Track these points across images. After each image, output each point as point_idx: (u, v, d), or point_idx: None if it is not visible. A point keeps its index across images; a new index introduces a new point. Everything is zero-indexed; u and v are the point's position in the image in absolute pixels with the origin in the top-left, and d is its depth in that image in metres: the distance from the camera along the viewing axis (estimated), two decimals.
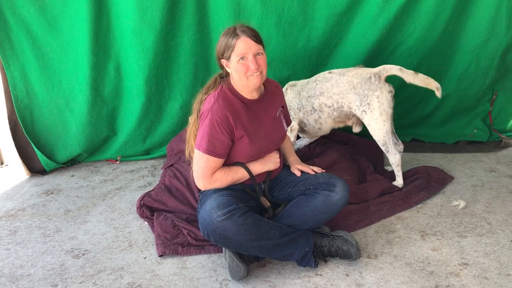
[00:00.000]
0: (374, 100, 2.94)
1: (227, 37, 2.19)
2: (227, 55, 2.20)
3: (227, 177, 2.28)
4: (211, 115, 2.19)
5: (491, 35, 3.64)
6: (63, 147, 3.72)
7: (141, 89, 3.63)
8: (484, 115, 3.92)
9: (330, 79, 3.10)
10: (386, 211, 2.80)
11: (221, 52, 2.22)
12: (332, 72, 3.13)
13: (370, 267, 2.31)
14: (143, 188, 3.30)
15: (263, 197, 2.38)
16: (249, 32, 2.18)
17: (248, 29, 2.20)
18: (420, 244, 2.49)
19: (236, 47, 2.16)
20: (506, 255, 2.36)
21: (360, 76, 3.00)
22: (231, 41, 2.17)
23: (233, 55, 2.18)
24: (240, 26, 2.19)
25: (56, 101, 3.63)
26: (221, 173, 2.27)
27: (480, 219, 2.71)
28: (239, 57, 2.16)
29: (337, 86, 3.06)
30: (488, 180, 3.19)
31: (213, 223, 2.11)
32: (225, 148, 2.24)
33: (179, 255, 2.46)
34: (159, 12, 3.38)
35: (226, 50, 2.19)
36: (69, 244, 2.62)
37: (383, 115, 2.96)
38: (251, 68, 2.17)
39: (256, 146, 2.29)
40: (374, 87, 2.95)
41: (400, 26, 3.57)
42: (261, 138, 2.31)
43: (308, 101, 3.18)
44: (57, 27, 3.44)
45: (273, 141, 2.39)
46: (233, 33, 2.17)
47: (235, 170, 2.31)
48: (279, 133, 2.42)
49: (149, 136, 3.83)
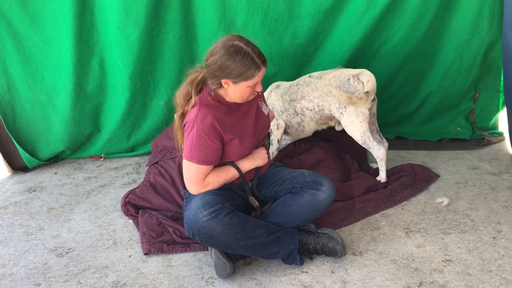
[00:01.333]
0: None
1: (244, 64, 2.04)
2: (236, 80, 2.09)
3: (219, 179, 2.25)
4: (197, 126, 2.13)
5: (474, 34, 3.67)
6: (46, 144, 3.67)
7: (125, 86, 3.60)
8: (467, 113, 3.96)
9: (309, 83, 3.10)
10: (371, 208, 2.82)
11: (231, 75, 2.07)
12: (312, 75, 3.14)
13: (355, 264, 2.33)
14: (127, 185, 3.27)
15: (251, 196, 2.37)
16: (265, 59, 2.11)
17: (263, 55, 2.11)
18: (404, 241, 2.51)
19: (254, 78, 2.09)
20: (488, 251, 2.40)
21: (338, 78, 3.00)
22: (252, 72, 2.06)
23: (245, 83, 2.10)
24: (257, 53, 2.07)
25: (38, 97, 3.58)
26: (213, 175, 2.24)
27: (463, 216, 2.74)
28: (251, 86, 2.12)
29: (316, 90, 3.07)
30: (471, 178, 3.23)
31: (198, 223, 2.10)
32: (218, 153, 2.22)
33: (165, 253, 2.45)
34: (143, 7, 3.34)
35: (239, 77, 2.07)
36: (53, 242, 2.59)
37: (359, 117, 2.96)
38: (258, 91, 2.20)
39: (245, 145, 2.29)
40: (352, 89, 2.96)
41: (385, 25, 3.57)
42: (250, 136, 2.31)
43: (290, 104, 3.19)
44: (39, 22, 3.39)
45: (261, 133, 2.39)
46: (253, 63, 2.05)
47: (226, 170, 2.28)
48: (263, 122, 2.41)
49: (133, 133, 3.79)
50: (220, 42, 2.09)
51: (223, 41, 2.09)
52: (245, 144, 2.28)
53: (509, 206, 2.83)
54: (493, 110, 3.97)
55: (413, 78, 3.83)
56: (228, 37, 2.11)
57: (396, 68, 3.74)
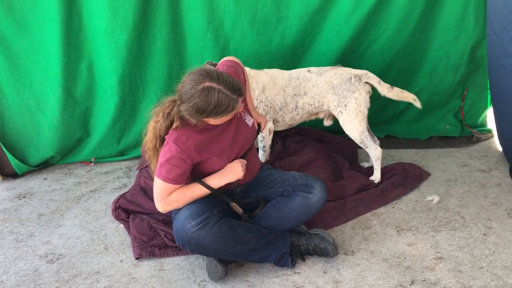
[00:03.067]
0: (352, 102, 2.97)
1: (220, 103, 1.94)
2: (217, 117, 2.00)
3: (184, 197, 2.15)
4: (170, 145, 2.08)
5: (460, 32, 3.71)
6: (35, 150, 3.64)
7: (114, 89, 3.58)
8: (456, 111, 3.99)
9: (310, 79, 3.08)
10: (362, 207, 2.82)
11: (212, 115, 1.98)
12: (311, 71, 3.11)
13: (347, 263, 2.34)
14: (118, 189, 3.25)
15: (233, 203, 2.30)
16: (240, 89, 2.00)
17: (236, 85, 1.99)
18: (396, 239, 2.52)
19: (235, 110, 2.01)
20: (479, 248, 2.42)
21: (340, 76, 3.01)
22: (230, 108, 1.98)
23: (227, 117, 2.04)
24: (231, 87, 1.95)
25: (27, 102, 3.54)
26: (177, 193, 2.14)
27: (453, 213, 2.76)
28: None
29: (316, 86, 3.06)
30: (461, 175, 3.25)
31: (187, 234, 2.08)
32: (184, 175, 2.13)
33: (156, 257, 2.44)
34: (131, 11, 3.33)
35: (220, 114, 1.99)
36: (43, 249, 2.57)
37: (359, 116, 2.98)
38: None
39: (224, 160, 2.22)
40: (353, 89, 2.97)
41: (373, 24, 3.59)
42: (229, 150, 2.22)
43: (293, 99, 3.12)
44: (26, 27, 3.36)
45: (244, 145, 2.30)
46: (229, 99, 1.95)
47: (192, 188, 2.18)
48: (246, 133, 2.30)
49: (123, 136, 3.77)
50: (189, 85, 1.96)
51: (192, 83, 1.96)
52: (224, 159, 2.21)
53: (498, 202, 2.86)
54: (482, 107, 4.01)
55: (402, 76, 3.85)
56: (196, 75, 1.97)
57: (385, 67, 3.76)
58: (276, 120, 3.23)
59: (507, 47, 2.86)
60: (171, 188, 2.14)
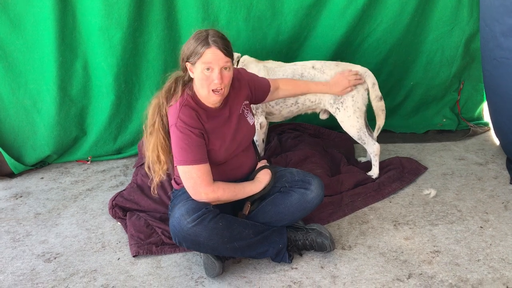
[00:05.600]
0: (349, 99, 2.95)
1: (197, 42, 2.08)
2: (193, 60, 2.10)
3: (229, 186, 2.20)
4: (181, 126, 2.11)
5: (455, 25, 3.71)
6: (31, 149, 3.62)
7: (110, 87, 3.56)
8: (452, 104, 4.00)
9: (314, 76, 3.02)
10: (359, 202, 2.82)
11: (187, 55, 2.12)
12: (315, 67, 3.03)
13: (344, 258, 2.34)
14: (115, 188, 3.25)
15: (248, 202, 2.33)
16: (220, 43, 2.07)
17: (221, 39, 2.09)
18: (393, 233, 2.53)
19: (203, 56, 2.06)
20: (476, 241, 2.42)
21: None
22: (199, 48, 2.07)
23: (199, 62, 2.08)
24: (213, 34, 2.08)
25: (22, 102, 3.53)
26: (224, 183, 2.20)
27: (450, 207, 2.76)
28: (205, 67, 2.08)
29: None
30: (458, 168, 3.25)
31: (184, 230, 2.07)
32: (205, 149, 2.17)
33: (153, 255, 2.44)
34: (126, 8, 3.32)
35: (193, 56, 2.09)
36: (40, 248, 2.57)
37: (356, 113, 2.97)
38: (214, 82, 2.09)
39: (223, 150, 2.24)
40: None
41: (368, 18, 3.60)
42: (228, 142, 2.26)
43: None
44: (20, 26, 3.34)
45: (240, 142, 2.33)
46: (204, 40, 2.06)
47: (242, 184, 2.27)
48: (244, 132, 2.34)
49: (120, 134, 3.76)
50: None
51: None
52: (223, 149, 2.24)
53: (495, 195, 2.86)
54: (478, 100, 4.02)
55: (397, 70, 3.86)
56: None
57: (380, 61, 3.77)
58: (272, 113, 3.20)
59: (499, 40, 2.86)
60: (207, 168, 2.14)
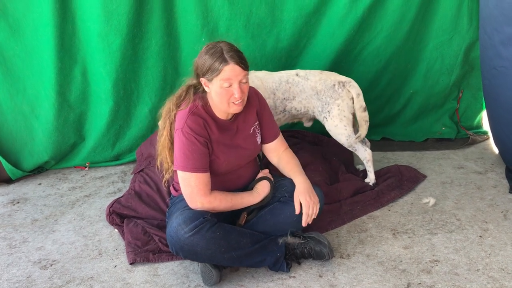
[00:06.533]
0: (335, 108, 2.96)
1: (212, 58, 2.05)
2: (209, 77, 2.08)
3: (226, 196, 2.20)
4: (186, 132, 2.11)
5: (454, 33, 3.72)
6: (29, 155, 3.60)
7: (108, 94, 3.55)
8: (451, 113, 3.99)
9: (298, 83, 3.05)
10: (358, 210, 2.81)
11: (203, 71, 2.09)
12: (299, 74, 3.07)
13: (343, 267, 2.32)
14: (113, 194, 3.23)
15: (245, 212, 2.31)
16: (237, 57, 2.06)
17: (237, 53, 2.07)
18: (392, 242, 2.51)
19: (222, 73, 2.04)
20: (475, 250, 2.40)
21: (324, 82, 2.99)
22: (217, 65, 2.03)
23: (217, 79, 2.06)
24: (228, 49, 2.06)
25: (21, 107, 3.51)
26: (220, 192, 2.20)
27: (449, 215, 2.75)
28: (225, 83, 2.06)
29: (304, 91, 3.04)
30: (457, 177, 3.24)
31: (181, 240, 2.05)
32: (208, 159, 2.17)
33: (151, 262, 2.41)
34: (125, 15, 3.31)
35: (210, 73, 2.06)
36: (37, 254, 2.54)
37: (343, 121, 2.98)
38: (235, 96, 2.09)
39: (225, 164, 2.24)
40: (336, 95, 2.96)
41: (368, 26, 3.60)
42: (232, 157, 2.26)
43: (282, 103, 3.09)
44: (19, 32, 3.33)
45: (244, 159, 2.33)
46: (221, 56, 2.03)
47: (240, 195, 2.25)
48: (250, 150, 2.35)
49: (118, 141, 3.74)
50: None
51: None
52: (225, 162, 2.24)
53: (494, 204, 2.85)
54: (477, 109, 4.02)
55: (397, 78, 3.86)
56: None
57: (380, 69, 3.77)
58: None
59: (498, 49, 2.86)
60: (205, 178, 2.14)
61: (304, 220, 2.25)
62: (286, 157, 2.47)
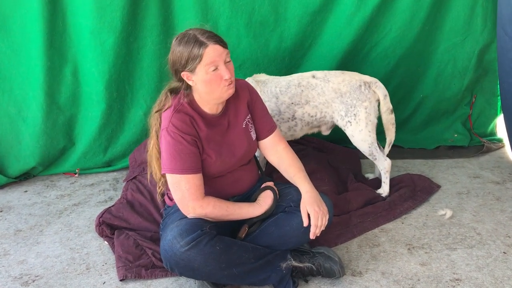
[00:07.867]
0: (362, 111, 2.76)
1: (188, 46, 1.93)
2: (191, 67, 1.95)
3: (221, 203, 2.03)
4: (172, 131, 1.98)
5: (468, 35, 3.59)
6: (15, 160, 3.45)
7: (101, 95, 3.40)
8: (464, 119, 3.84)
9: (315, 86, 2.83)
10: (369, 223, 2.62)
11: (182, 64, 1.96)
12: (316, 76, 2.86)
13: (355, 286, 2.13)
14: (103, 203, 3.05)
15: (246, 225, 2.13)
16: (214, 37, 1.95)
17: (211, 33, 1.96)
18: (407, 258, 2.31)
19: (205, 57, 1.91)
20: (500, 268, 2.21)
21: (349, 83, 2.79)
22: (196, 51, 1.91)
23: (201, 66, 1.93)
24: (201, 32, 1.95)
25: (6, 109, 3.37)
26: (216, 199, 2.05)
27: (468, 229, 2.56)
28: (210, 67, 1.93)
29: (323, 94, 2.82)
30: (473, 187, 3.05)
31: (176, 255, 1.88)
32: (198, 159, 2.02)
33: (143, 279, 2.23)
34: (119, 11, 3.17)
35: (190, 62, 1.94)
36: (18, 269, 2.36)
37: (368, 126, 2.79)
38: (226, 78, 1.95)
39: (218, 163, 2.09)
40: (363, 97, 2.77)
41: (376, 26, 3.45)
42: (226, 155, 2.11)
43: (289, 108, 2.87)
44: (6, 28, 3.19)
45: (238, 157, 2.17)
46: (197, 41, 1.92)
47: (238, 205, 2.10)
48: (244, 147, 2.19)
49: (110, 146, 3.59)
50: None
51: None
52: (218, 161, 2.09)
53: None
54: (491, 115, 3.87)
55: (406, 82, 3.71)
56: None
57: (389, 72, 3.62)
58: None
59: None
60: (196, 179, 2.00)
61: (312, 232, 2.06)
62: (288, 158, 2.28)
